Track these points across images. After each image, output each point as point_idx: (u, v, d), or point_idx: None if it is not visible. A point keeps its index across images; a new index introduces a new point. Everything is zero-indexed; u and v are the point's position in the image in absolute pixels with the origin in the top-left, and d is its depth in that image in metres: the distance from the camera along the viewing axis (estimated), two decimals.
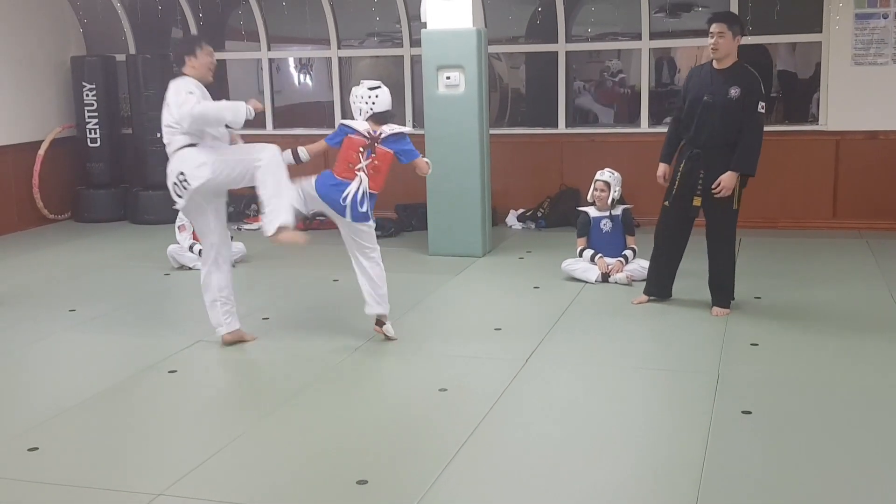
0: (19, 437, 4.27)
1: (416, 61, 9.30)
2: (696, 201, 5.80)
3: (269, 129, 10.06)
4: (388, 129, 5.42)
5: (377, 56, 10.32)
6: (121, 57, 10.00)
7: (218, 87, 10.61)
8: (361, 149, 5.36)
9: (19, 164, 9.45)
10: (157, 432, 4.36)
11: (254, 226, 9.46)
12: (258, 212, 9.77)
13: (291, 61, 10.98)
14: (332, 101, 9.84)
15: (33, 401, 4.77)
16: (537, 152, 9.21)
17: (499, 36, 9.24)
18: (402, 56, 9.51)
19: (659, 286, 6.21)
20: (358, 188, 5.33)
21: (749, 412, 4.36)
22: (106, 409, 4.64)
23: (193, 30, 9.98)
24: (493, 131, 8.22)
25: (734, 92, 5.61)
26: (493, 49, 8.72)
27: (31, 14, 9.63)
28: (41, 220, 9.75)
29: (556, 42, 9.06)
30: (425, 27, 7.67)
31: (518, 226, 9.05)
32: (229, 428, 4.37)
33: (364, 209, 5.40)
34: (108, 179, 9.95)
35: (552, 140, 9.23)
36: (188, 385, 5.02)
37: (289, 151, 5.44)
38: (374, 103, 5.39)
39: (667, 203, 5.97)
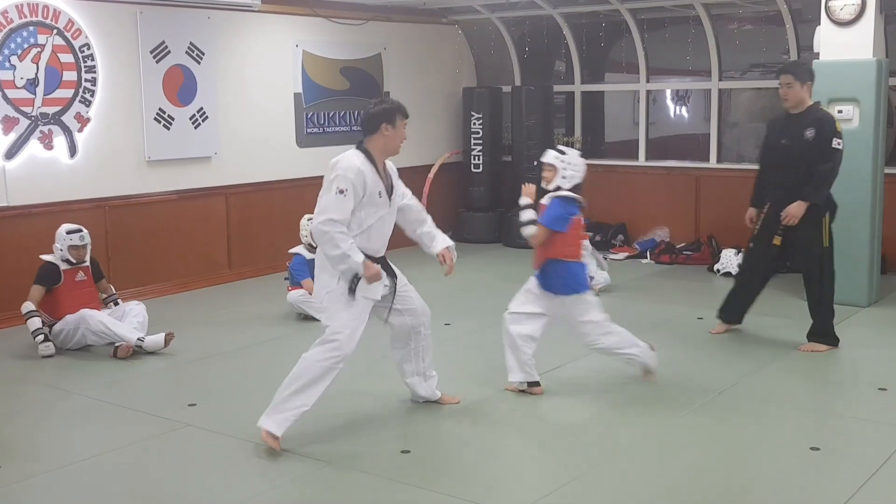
0: (395, 439, 4.63)
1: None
2: (776, 241, 6.04)
3: (642, 160, 10.04)
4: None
5: (760, 88, 9.89)
6: (506, 88, 10.56)
7: (594, 119, 10.89)
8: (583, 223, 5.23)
9: (411, 185, 10.18)
10: (518, 451, 4.50)
11: (618, 256, 9.49)
12: (624, 243, 9.79)
13: (668, 93, 10.88)
14: (708, 134, 9.58)
15: (409, 407, 5.13)
16: None
17: None
18: None
19: (730, 313, 6.44)
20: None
21: None
22: (470, 423, 4.88)
23: (576, 62, 10.26)
24: (888, 171, 7.50)
25: (809, 133, 5.90)
26: (894, 81, 7.96)
27: (437, 50, 10.53)
28: None
29: None
30: (817, 58, 7.21)
31: None
32: (588, 455, 4.40)
33: None
34: (486, 203, 10.54)
35: None
36: (548, 408, 5.12)
37: None
38: (580, 173, 5.20)
39: (751, 245, 6.27)
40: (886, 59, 7.25)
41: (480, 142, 10.42)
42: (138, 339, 6.10)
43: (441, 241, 4.93)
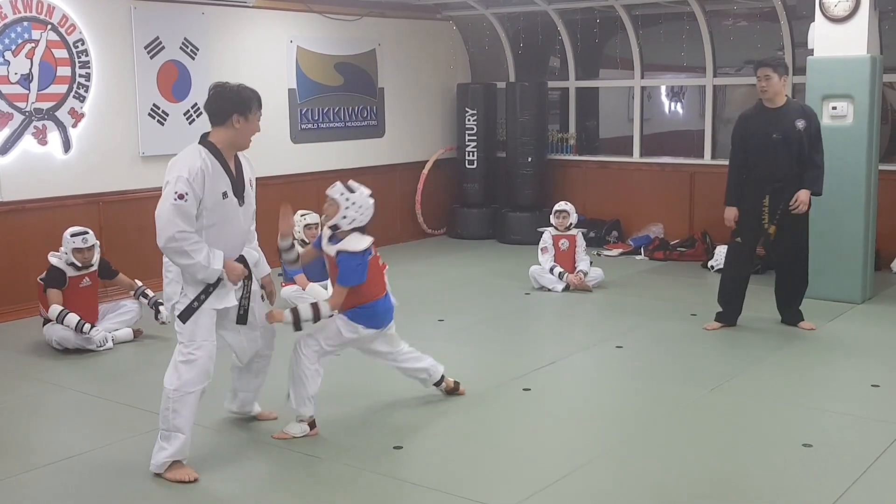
0: (387, 435, 4.63)
1: (797, 90, 8.77)
2: (772, 230, 6.22)
3: (636, 157, 10.04)
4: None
5: (754, 84, 9.86)
6: (501, 84, 10.56)
7: (588, 115, 10.89)
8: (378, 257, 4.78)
9: (406, 181, 10.33)
10: (511, 446, 4.50)
11: (613, 252, 9.50)
12: (618, 239, 9.79)
13: (663, 89, 10.88)
14: (703, 131, 9.59)
15: (401, 403, 5.12)
16: None
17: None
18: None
19: (732, 314, 6.51)
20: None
21: None
22: (463, 419, 4.89)
23: (570, 59, 10.26)
24: (882, 167, 7.51)
25: (800, 124, 6.11)
26: (888, 78, 7.97)
27: (431, 46, 10.51)
28: (420, 233, 10.58)
29: None
30: (811, 54, 7.21)
31: None
32: (581, 450, 4.41)
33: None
34: (480, 199, 10.53)
35: None
36: (542, 403, 5.13)
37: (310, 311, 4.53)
38: (363, 214, 4.60)
39: (739, 240, 6.34)
40: (881, 55, 7.26)
41: (475, 138, 10.41)
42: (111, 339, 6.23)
43: (264, 267, 4.57)
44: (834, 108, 7.01)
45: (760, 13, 9.23)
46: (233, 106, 4.09)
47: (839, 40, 7.01)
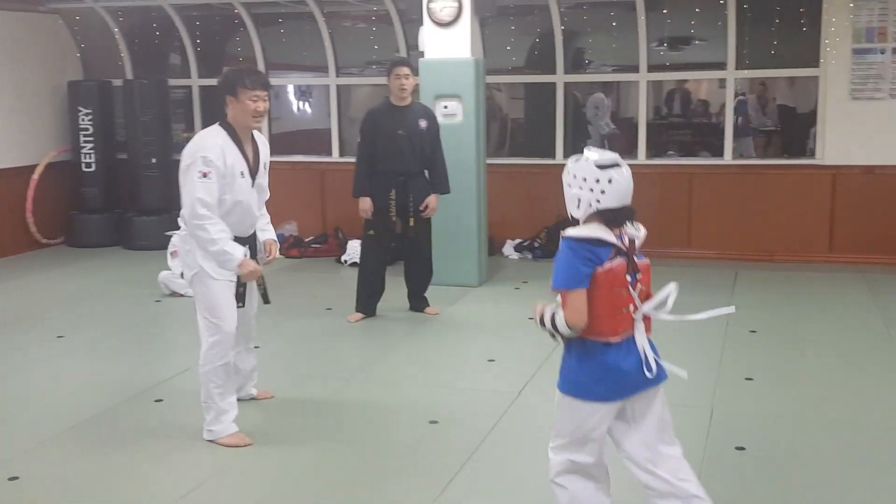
0: (0, 466, 4.19)
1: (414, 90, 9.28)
2: (411, 222, 6.60)
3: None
4: (633, 228, 3.15)
5: (375, 84, 10.31)
6: (117, 82, 9.99)
7: (214, 115, 10.64)
8: (627, 276, 3.08)
9: (13, 187, 9.40)
10: (142, 463, 4.27)
11: None
12: None
13: (291, 88, 10.98)
14: (329, 129, 9.81)
15: (16, 429, 4.68)
16: (535, 182, 9.16)
17: (498, 66, 9.22)
18: None
19: (372, 305, 6.77)
20: (644, 336, 3.16)
21: (743, 448, 4.30)
22: (89, 439, 4.55)
23: (192, 56, 9.96)
24: (490, 161, 8.19)
25: (423, 124, 6.58)
26: (491, 79, 8.71)
27: (30, 39, 9.62)
28: (34, 244, 9.68)
29: (555, 73, 9.05)
30: (423, 56, 7.67)
31: (515, 256, 9.00)
32: (211, 460, 4.29)
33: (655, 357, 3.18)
34: (101, 204, 9.88)
35: (550, 170, 9.09)
36: (174, 415, 4.93)
37: None
38: (602, 192, 3.08)
39: (372, 232, 6.61)
40: (484, 58, 7.90)
41: (91, 139, 9.74)
42: None
43: (271, 233, 4.73)
44: (445, 107, 7.51)
45: (377, 16, 9.62)
46: (222, 87, 4.37)
47: (446, 43, 7.52)
